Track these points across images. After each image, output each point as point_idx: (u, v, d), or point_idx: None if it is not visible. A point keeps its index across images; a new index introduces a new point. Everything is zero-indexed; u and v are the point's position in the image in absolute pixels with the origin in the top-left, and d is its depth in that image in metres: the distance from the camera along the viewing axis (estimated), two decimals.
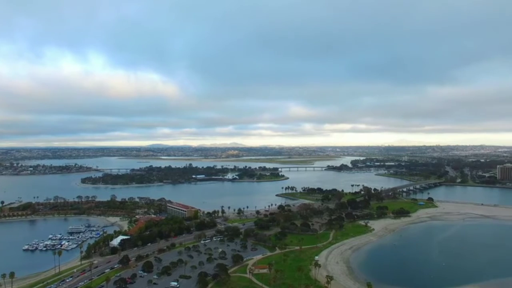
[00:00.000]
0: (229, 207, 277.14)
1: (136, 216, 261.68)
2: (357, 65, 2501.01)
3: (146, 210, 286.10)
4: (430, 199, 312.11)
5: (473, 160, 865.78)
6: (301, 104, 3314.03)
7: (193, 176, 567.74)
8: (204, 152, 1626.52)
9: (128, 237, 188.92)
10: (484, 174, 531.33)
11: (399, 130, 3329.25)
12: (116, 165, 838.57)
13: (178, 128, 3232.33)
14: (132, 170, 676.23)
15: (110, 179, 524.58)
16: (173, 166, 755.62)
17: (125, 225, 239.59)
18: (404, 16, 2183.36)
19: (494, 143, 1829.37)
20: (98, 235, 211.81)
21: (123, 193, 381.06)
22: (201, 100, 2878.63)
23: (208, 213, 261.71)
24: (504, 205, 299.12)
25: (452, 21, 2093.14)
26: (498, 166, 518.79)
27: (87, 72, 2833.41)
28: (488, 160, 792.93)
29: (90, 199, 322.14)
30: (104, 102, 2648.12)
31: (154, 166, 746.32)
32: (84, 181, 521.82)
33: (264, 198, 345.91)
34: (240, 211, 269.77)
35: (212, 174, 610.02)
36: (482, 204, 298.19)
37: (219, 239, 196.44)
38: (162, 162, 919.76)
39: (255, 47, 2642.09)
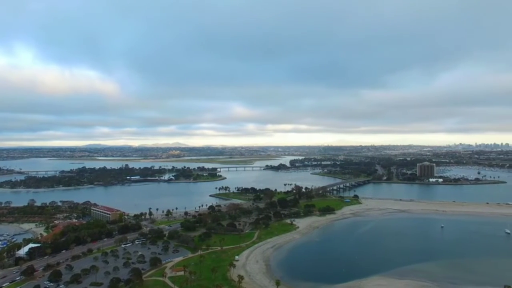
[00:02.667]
0: (157, 209, 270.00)
1: (55, 221, 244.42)
2: (296, 68, 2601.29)
3: (67, 214, 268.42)
4: (356, 197, 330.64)
5: (401, 159, 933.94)
6: (243, 105, 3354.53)
7: (128, 177, 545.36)
8: (144, 152, 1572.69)
9: (39, 245, 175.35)
10: (407, 171, 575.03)
11: (338, 131, 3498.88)
12: (46, 166, 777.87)
13: (118, 127, 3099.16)
14: (62, 172, 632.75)
15: (34, 182, 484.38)
16: (108, 167, 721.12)
17: (40, 232, 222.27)
18: (339, 24, 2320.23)
19: (420, 143, 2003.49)
20: (5, 245, 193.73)
21: (46, 197, 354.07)
22: (142, 99, 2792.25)
23: (135, 215, 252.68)
24: (418, 200, 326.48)
25: (380, 32, 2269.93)
26: (418, 164, 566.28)
27: (13, 66, 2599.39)
28: (413, 159, 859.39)
29: (3, 205, 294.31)
30: (35, 98, 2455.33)
31: (87, 167, 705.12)
32: (1, 185, 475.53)
33: (198, 199, 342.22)
34: (168, 213, 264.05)
35: (148, 175, 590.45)
36: (400, 200, 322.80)
37: (141, 242, 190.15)
38: (97, 163, 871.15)
39: (196, 47, 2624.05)
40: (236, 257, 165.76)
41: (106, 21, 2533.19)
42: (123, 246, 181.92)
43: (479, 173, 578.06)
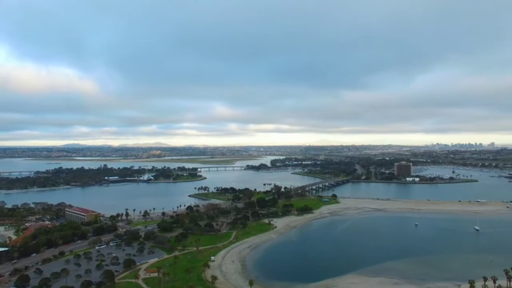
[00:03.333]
0: (134, 210, 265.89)
1: (26, 224, 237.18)
2: (278, 69, 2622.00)
3: (40, 216, 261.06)
4: (334, 196, 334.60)
5: (380, 158, 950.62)
6: (225, 104, 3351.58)
7: (106, 177, 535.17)
8: (124, 152, 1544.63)
9: (7, 248, 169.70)
10: (385, 171, 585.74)
11: (319, 131, 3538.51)
12: (20, 167, 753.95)
13: (98, 127, 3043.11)
14: (37, 172, 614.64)
15: (6, 183, 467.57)
16: (86, 167, 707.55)
17: (10, 235, 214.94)
18: (319, 25, 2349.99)
19: (400, 143, 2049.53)
20: None
21: (19, 198, 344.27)
22: (122, 98, 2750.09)
23: (111, 216, 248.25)
24: (394, 199, 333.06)
25: (359, 33, 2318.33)
26: (395, 163, 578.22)
27: None
28: (392, 159, 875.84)
29: None
30: (9, 96, 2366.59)
31: (64, 167, 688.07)
32: None
33: (177, 199, 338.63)
34: (146, 214, 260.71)
35: (127, 175, 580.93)
36: (377, 199, 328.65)
37: (116, 243, 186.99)
38: (75, 163, 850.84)
39: (178, 47, 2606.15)
40: (212, 257, 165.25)
41: (85, 18, 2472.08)
42: (97, 248, 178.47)
43: (453, 172, 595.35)
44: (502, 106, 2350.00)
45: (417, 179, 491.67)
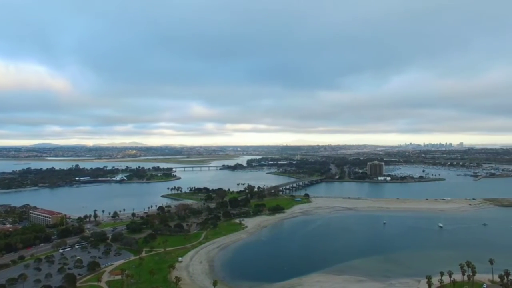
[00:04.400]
0: (103, 211, 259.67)
1: None
2: (254, 69, 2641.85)
3: (1, 219, 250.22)
4: (307, 195, 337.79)
5: (355, 158, 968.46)
6: (202, 104, 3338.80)
7: (77, 178, 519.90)
8: (98, 152, 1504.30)
9: None
10: (359, 170, 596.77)
11: (296, 131, 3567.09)
12: None
13: (71, 126, 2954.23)
14: (2, 173, 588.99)
15: None
16: (57, 167, 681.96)
17: None
18: (293, 26, 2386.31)
19: (375, 143, 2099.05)
20: None
21: None
22: (97, 97, 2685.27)
23: (79, 218, 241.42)
24: (365, 198, 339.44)
25: (334, 34, 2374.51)
26: (368, 163, 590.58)
27: None
28: (366, 158, 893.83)
29: None
30: None
31: (33, 168, 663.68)
32: None
33: (149, 199, 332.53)
34: (115, 215, 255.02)
35: (99, 175, 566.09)
36: (349, 198, 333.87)
37: (81, 246, 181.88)
38: (46, 164, 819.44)
39: (153, 45, 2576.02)
40: (180, 258, 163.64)
41: (56, 14, 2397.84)
42: (61, 251, 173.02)
43: (423, 171, 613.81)
44: (470, 107, 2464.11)
45: (388, 178, 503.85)
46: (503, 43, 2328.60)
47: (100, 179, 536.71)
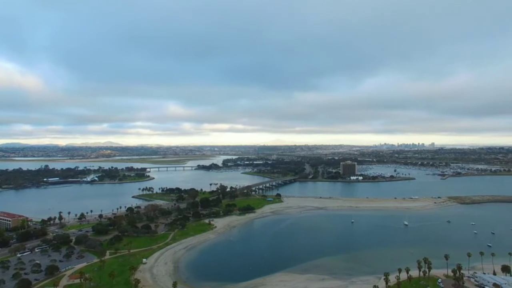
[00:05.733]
0: (69, 213, 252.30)
1: None
2: (231, 69, 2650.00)
3: None
4: (278, 195, 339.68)
5: (330, 158, 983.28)
6: (179, 104, 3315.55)
7: (45, 179, 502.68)
8: (71, 152, 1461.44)
9: None
10: (332, 170, 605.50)
11: (274, 131, 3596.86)
12: None
13: (42, 125, 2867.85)
14: None
15: None
16: (25, 168, 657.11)
17: None
18: (269, 27, 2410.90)
19: (351, 143, 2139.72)
20: None
21: None
22: (70, 96, 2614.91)
23: (43, 220, 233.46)
24: (336, 197, 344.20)
25: (308, 36, 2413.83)
26: (341, 163, 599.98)
27: None
28: (341, 158, 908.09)
29: None
30: None
31: None
32: None
33: (119, 200, 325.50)
34: (82, 216, 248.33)
35: (69, 176, 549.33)
36: (320, 197, 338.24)
37: (41, 249, 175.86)
38: (13, 164, 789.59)
39: (128, 45, 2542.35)
40: (144, 259, 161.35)
41: (25, 10, 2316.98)
42: (18, 255, 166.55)
43: (395, 170, 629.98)
44: (440, 109, 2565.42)
45: (360, 177, 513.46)
46: (466, 49, 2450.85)
47: (70, 180, 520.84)
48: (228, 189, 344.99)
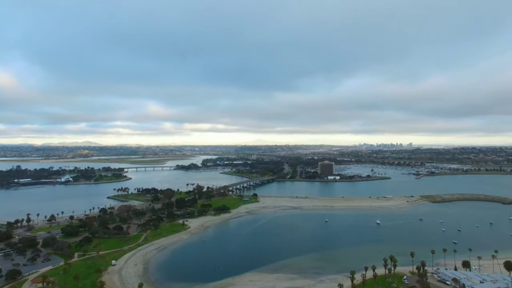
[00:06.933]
0: (38, 215, 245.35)
1: None
2: (211, 69, 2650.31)
3: None
4: (255, 195, 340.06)
5: (309, 158, 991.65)
6: (159, 103, 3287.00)
7: (16, 180, 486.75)
8: (47, 152, 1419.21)
9: None
10: (310, 170, 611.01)
11: (255, 131, 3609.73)
12: None
13: (16, 124, 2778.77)
14: None
15: None
16: None
17: None
18: (250, 27, 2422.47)
19: (331, 143, 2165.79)
20: None
21: None
22: (46, 94, 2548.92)
23: (8, 223, 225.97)
24: (312, 197, 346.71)
25: (288, 37, 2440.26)
26: (319, 163, 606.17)
27: None
28: (320, 158, 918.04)
29: None
30: None
31: None
32: None
33: (94, 201, 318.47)
34: (52, 218, 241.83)
35: (43, 177, 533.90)
36: (296, 197, 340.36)
37: (4, 253, 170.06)
38: None
39: (106, 43, 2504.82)
40: (114, 261, 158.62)
41: None
42: None
43: (372, 170, 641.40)
44: (416, 110, 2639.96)
45: (338, 177, 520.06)
46: (440, 52, 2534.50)
47: (43, 180, 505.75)
48: (204, 189, 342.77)
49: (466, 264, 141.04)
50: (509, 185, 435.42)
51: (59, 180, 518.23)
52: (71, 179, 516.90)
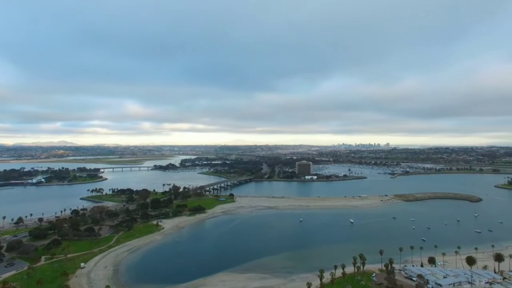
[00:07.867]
0: (4, 217, 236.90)
1: None
2: (191, 69, 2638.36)
3: None
4: (231, 195, 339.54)
5: (288, 158, 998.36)
6: (138, 103, 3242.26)
7: None
8: (19, 152, 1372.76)
9: None
10: (288, 170, 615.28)
11: (235, 131, 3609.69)
12: None
13: None
14: None
15: None
16: None
17: None
18: (229, 27, 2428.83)
19: (310, 143, 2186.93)
20: None
21: None
22: (18, 93, 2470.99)
23: None
24: (288, 196, 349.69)
25: (267, 38, 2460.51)
26: (297, 162, 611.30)
27: None
28: (299, 158, 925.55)
29: None
30: None
31: None
32: None
33: (66, 202, 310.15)
34: (19, 220, 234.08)
35: (12, 178, 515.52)
36: (273, 197, 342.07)
37: None
38: None
39: (81, 42, 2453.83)
40: (83, 264, 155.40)
41: None
42: None
43: (349, 170, 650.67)
44: (392, 111, 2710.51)
45: (315, 177, 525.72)
46: (414, 56, 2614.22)
47: (12, 181, 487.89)
48: (181, 190, 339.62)
49: (431, 261, 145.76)
50: (476, 184, 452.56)
51: (30, 181, 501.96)
52: (43, 180, 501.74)
